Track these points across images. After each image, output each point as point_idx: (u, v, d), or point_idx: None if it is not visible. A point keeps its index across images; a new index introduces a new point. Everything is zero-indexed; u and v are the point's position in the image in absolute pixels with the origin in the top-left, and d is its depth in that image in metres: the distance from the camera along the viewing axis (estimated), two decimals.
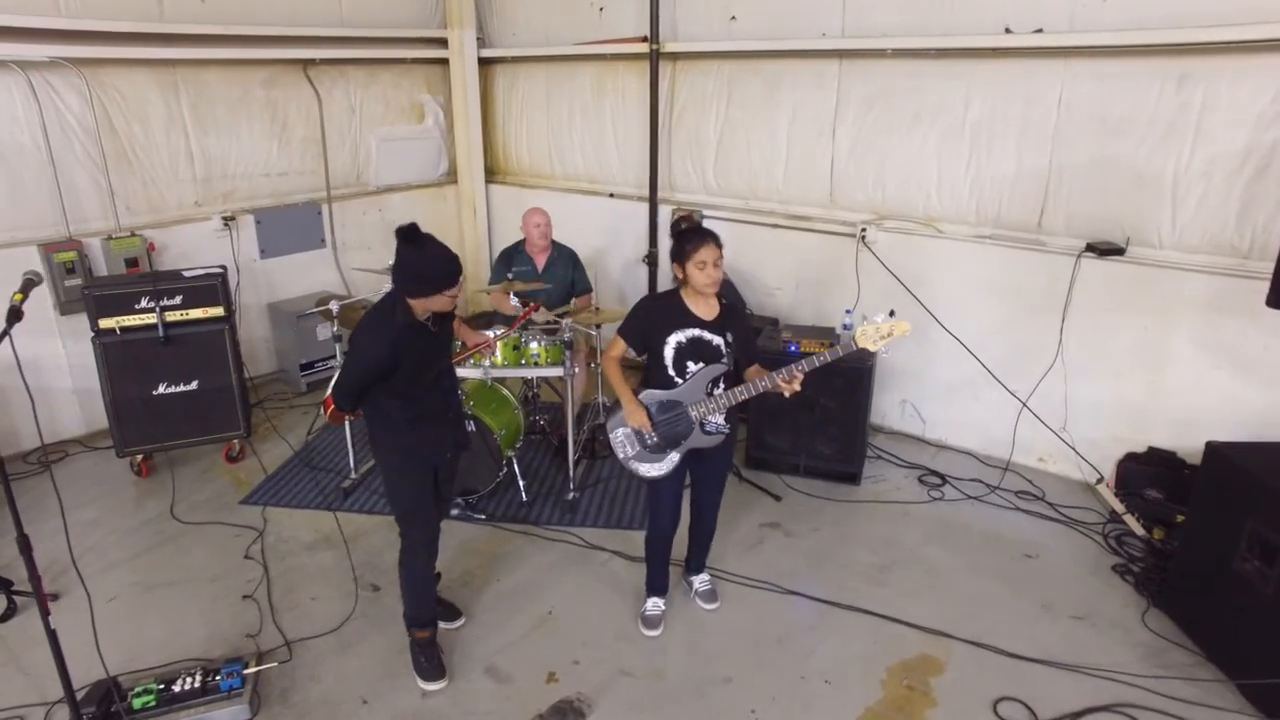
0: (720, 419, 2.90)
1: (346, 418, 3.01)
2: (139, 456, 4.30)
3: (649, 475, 2.95)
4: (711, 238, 2.78)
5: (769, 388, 2.77)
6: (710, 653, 3.05)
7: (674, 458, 2.91)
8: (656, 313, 2.89)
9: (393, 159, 6.14)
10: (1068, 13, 3.84)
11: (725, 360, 2.86)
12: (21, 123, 4.31)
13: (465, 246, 6.64)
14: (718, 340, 2.84)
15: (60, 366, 4.60)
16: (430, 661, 2.91)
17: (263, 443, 4.68)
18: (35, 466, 4.43)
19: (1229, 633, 2.87)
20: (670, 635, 3.16)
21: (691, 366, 2.85)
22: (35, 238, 4.42)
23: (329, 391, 3.00)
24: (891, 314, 2.73)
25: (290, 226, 5.55)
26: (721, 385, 2.88)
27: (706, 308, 2.86)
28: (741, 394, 2.83)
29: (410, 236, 2.50)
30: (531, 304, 4.03)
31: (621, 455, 2.96)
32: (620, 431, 2.94)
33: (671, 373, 2.86)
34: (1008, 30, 3.97)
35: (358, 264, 5.61)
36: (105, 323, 4.02)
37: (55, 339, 4.54)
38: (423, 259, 2.53)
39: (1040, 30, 3.91)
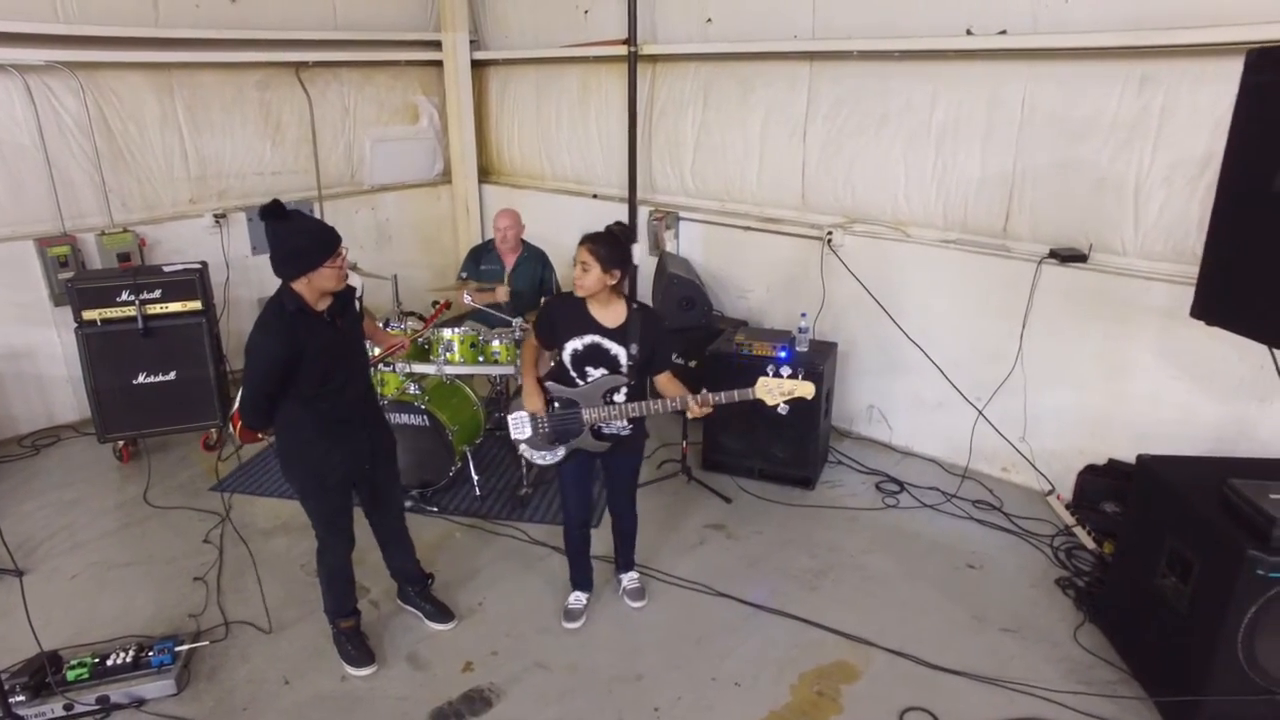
0: (621, 423, 2.92)
1: (259, 435, 2.80)
2: (120, 442, 4.50)
3: (535, 461, 3.03)
4: (589, 240, 2.79)
5: (678, 408, 2.80)
6: (627, 649, 3.09)
7: (560, 452, 2.96)
8: (558, 315, 2.91)
9: (387, 159, 6.30)
10: (1030, 14, 3.76)
11: (624, 372, 2.85)
12: (20, 123, 4.55)
13: (459, 246, 6.76)
14: (616, 350, 2.84)
15: (55, 355, 4.83)
16: (357, 649, 3.00)
17: None
18: (28, 449, 4.67)
19: (1150, 649, 2.80)
20: (592, 630, 3.20)
21: (592, 372, 2.87)
22: (32, 232, 4.65)
23: (235, 407, 2.74)
24: (801, 375, 2.81)
25: None
26: (623, 393, 2.88)
27: (610, 314, 2.85)
28: (639, 410, 2.84)
29: (275, 212, 2.36)
30: (441, 303, 4.03)
31: (514, 435, 3.01)
32: (519, 413, 2.98)
33: (573, 374, 2.90)
34: (969, 32, 3.91)
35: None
36: (88, 314, 4.22)
37: (50, 329, 4.77)
38: (292, 231, 2.42)
39: (1004, 32, 3.84)
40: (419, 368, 4.00)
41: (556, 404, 2.92)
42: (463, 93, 6.34)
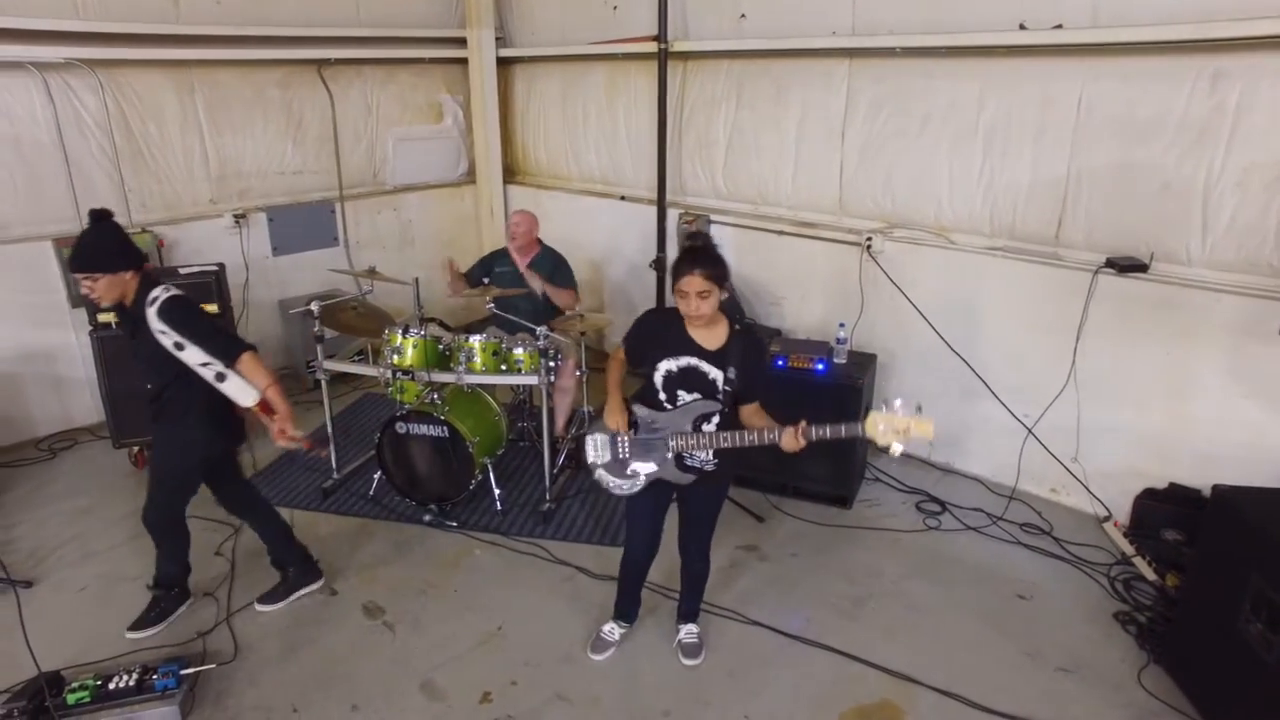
0: (705, 455, 2.67)
1: None
2: (135, 448, 4.40)
3: (612, 490, 2.76)
4: (698, 265, 2.44)
5: (772, 440, 2.48)
6: (654, 682, 2.90)
7: (640, 482, 2.72)
8: (654, 331, 2.66)
9: (410, 158, 6.17)
10: (1090, 6, 3.52)
11: (720, 398, 2.60)
12: (39, 121, 4.47)
13: (483, 248, 6.61)
14: (715, 374, 2.58)
15: (73, 357, 4.75)
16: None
17: (259, 438, 4.69)
18: (44, 453, 4.59)
19: (1229, 700, 2.55)
20: (618, 660, 3.02)
21: (684, 395, 2.62)
22: (50, 233, 4.56)
23: None
24: (919, 409, 2.31)
25: (303, 224, 5.62)
26: (714, 422, 2.63)
27: (709, 335, 2.60)
28: (732, 440, 2.55)
29: (94, 216, 2.73)
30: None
31: (591, 459, 2.77)
32: (597, 435, 2.74)
33: (662, 396, 2.65)
34: (1022, 26, 3.68)
35: (365, 262, 5.61)
36: (103, 317, 4.12)
37: (69, 331, 4.69)
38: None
39: (1060, 26, 3.60)
40: (439, 376, 3.84)
41: (639, 426, 2.67)
42: (488, 91, 6.20)
